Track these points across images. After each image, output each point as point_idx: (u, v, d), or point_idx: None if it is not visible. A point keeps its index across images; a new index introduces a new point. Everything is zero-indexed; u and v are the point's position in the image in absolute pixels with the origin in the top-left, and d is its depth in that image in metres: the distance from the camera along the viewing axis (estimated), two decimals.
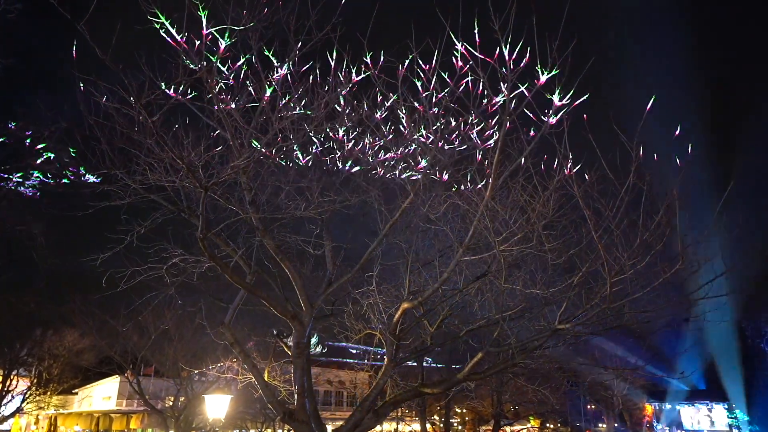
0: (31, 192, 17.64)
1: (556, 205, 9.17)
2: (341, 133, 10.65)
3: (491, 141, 9.75)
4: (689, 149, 7.83)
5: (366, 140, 10.92)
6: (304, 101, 9.80)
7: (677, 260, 8.53)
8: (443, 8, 7.53)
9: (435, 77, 8.99)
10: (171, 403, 33.11)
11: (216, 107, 8.87)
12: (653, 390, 63.44)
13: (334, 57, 9.27)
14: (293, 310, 11.81)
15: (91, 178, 10.97)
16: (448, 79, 9.04)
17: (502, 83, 8.11)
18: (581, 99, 7.92)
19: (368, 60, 9.10)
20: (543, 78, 7.71)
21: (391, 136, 10.58)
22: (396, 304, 11.52)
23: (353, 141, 11.05)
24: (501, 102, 8.71)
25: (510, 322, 10.86)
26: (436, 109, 9.77)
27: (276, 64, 9.28)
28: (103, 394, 55.16)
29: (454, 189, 11.11)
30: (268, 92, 9.23)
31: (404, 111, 9.82)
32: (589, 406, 67.14)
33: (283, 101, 9.49)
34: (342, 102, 10.22)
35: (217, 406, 12.63)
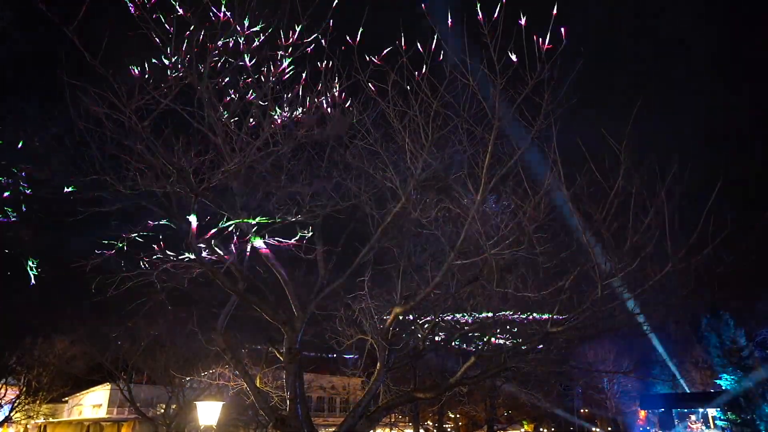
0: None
1: (546, 208, 9.20)
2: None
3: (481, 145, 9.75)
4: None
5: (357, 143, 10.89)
6: (295, 106, 9.78)
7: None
8: (432, 13, 7.56)
9: (425, 81, 8.99)
10: (162, 411, 32.88)
11: (206, 114, 8.85)
12: (647, 394, 63.53)
13: (324, 62, 9.28)
14: (285, 315, 11.77)
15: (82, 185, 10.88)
16: (438, 84, 9.05)
17: (492, 86, 8.14)
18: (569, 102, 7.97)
19: (358, 65, 9.10)
20: (532, 81, 7.76)
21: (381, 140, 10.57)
22: (388, 308, 11.50)
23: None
24: (491, 105, 8.73)
25: (502, 325, 10.87)
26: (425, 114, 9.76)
27: (266, 68, 9.27)
28: (93, 402, 54.57)
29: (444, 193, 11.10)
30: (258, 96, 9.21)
31: (395, 117, 9.82)
32: (582, 410, 67.30)
33: (274, 105, 9.47)
34: (332, 106, 10.20)
35: (208, 412, 12.54)
